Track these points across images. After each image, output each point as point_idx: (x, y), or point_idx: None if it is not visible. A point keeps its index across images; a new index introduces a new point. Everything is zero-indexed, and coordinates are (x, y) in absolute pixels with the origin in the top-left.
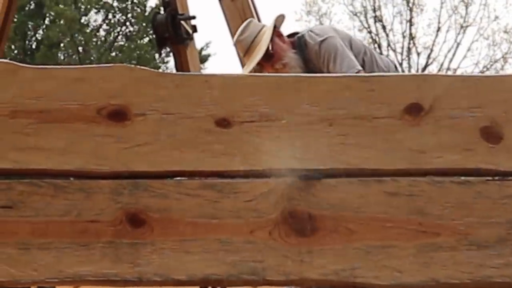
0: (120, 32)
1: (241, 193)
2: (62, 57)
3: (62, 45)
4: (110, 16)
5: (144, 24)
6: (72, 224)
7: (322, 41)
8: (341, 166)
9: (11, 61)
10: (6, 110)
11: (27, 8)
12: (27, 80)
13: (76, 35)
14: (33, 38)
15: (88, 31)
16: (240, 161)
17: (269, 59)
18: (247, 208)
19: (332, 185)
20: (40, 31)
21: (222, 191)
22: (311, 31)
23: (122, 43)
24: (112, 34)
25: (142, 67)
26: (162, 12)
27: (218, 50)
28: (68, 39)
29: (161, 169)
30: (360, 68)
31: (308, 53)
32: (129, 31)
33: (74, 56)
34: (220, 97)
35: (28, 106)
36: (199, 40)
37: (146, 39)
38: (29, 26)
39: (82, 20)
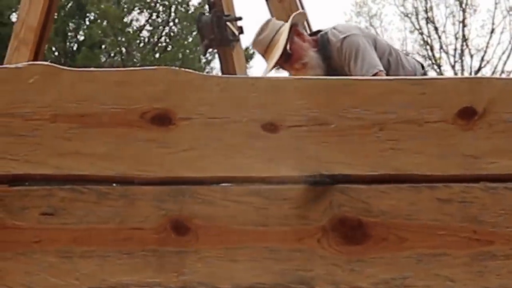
0: (164, 32)
1: (289, 200)
2: (104, 59)
3: (104, 46)
4: (154, 16)
5: (188, 24)
6: (115, 231)
7: (344, 38)
8: (391, 171)
9: (51, 64)
10: (47, 114)
11: (67, 8)
12: (68, 83)
13: (119, 36)
14: (74, 39)
15: (131, 31)
16: (288, 167)
17: (288, 59)
18: (295, 215)
19: (383, 192)
20: (81, 32)
21: (269, 197)
22: (334, 28)
23: (166, 43)
24: (156, 34)
25: (187, 70)
26: (207, 12)
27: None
28: (112, 38)
29: (206, 175)
30: (381, 68)
31: (331, 50)
32: (173, 31)
33: (116, 58)
34: (267, 101)
35: (69, 110)
36: (245, 40)
37: (190, 39)
38: (70, 26)
39: (125, 20)
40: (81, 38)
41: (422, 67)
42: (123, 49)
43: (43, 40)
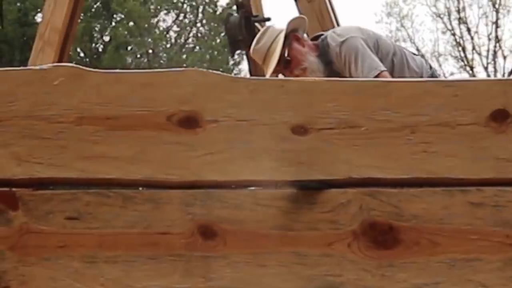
0: (191, 33)
1: (319, 204)
2: (130, 60)
3: (130, 47)
4: (181, 16)
5: (216, 25)
6: (141, 236)
7: (342, 42)
8: (423, 175)
9: (77, 65)
10: (72, 117)
11: (93, 9)
12: (94, 85)
13: (146, 37)
14: (100, 40)
15: (157, 32)
16: (317, 170)
17: (288, 65)
18: (324, 220)
19: (414, 195)
20: (107, 33)
21: (298, 201)
22: (334, 32)
23: (193, 44)
24: (183, 35)
25: (215, 72)
26: (235, 13)
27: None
28: (138, 39)
29: (234, 179)
30: (383, 68)
31: (331, 55)
32: (200, 32)
33: (143, 59)
34: (297, 103)
35: (95, 113)
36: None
37: (218, 40)
38: (96, 27)
39: (152, 21)
40: (107, 39)
41: (430, 67)
42: (150, 50)
43: (68, 41)
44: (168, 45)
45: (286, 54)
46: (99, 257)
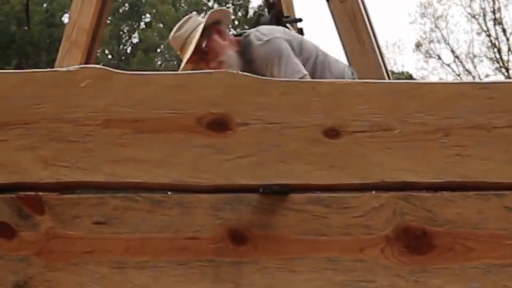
0: None
1: (351, 208)
2: (159, 63)
3: (159, 49)
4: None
5: (247, 27)
6: (170, 241)
7: (266, 41)
8: (457, 179)
9: (104, 67)
10: (99, 119)
11: (122, 10)
12: (122, 87)
13: None
14: (129, 42)
15: None
16: (349, 174)
17: (204, 56)
18: (357, 224)
19: (448, 200)
20: (136, 34)
21: (330, 206)
22: (257, 30)
23: None
24: None
25: (245, 73)
26: (266, 14)
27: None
28: (168, 41)
29: (265, 183)
30: (305, 72)
31: (252, 53)
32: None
33: (172, 62)
34: (329, 105)
35: (122, 115)
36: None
37: None
38: (125, 29)
39: None
40: (136, 41)
41: (352, 73)
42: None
43: (95, 43)
44: None
45: (204, 45)
46: (127, 262)
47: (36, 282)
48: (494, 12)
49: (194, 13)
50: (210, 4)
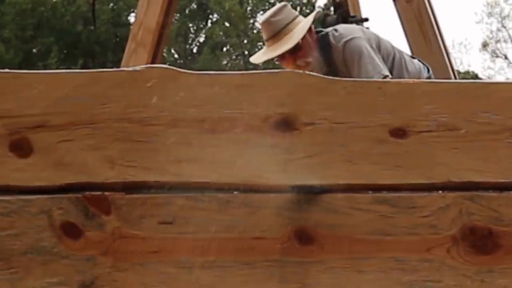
0: None
1: (417, 208)
2: (225, 61)
3: (226, 48)
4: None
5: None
6: (237, 241)
7: (346, 42)
8: None
9: (171, 67)
10: (166, 119)
11: (189, 9)
12: (188, 86)
13: (242, 38)
14: (195, 41)
15: (254, 33)
16: (416, 174)
17: (294, 52)
18: (423, 224)
19: None
20: (203, 33)
21: (396, 206)
22: (335, 30)
23: None
24: None
25: (311, 73)
26: (332, 13)
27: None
28: (234, 39)
29: (332, 183)
30: (387, 73)
31: (332, 54)
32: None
33: (238, 60)
34: (395, 105)
35: (188, 115)
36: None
37: None
38: (191, 27)
39: (248, 22)
40: (202, 39)
41: (428, 70)
42: (246, 52)
43: (161, 42)
44: None
45: (300, 42)
46: (193, 262)
47: (102, 282)
48: None
49: (286, 3)
50: (277, 1)
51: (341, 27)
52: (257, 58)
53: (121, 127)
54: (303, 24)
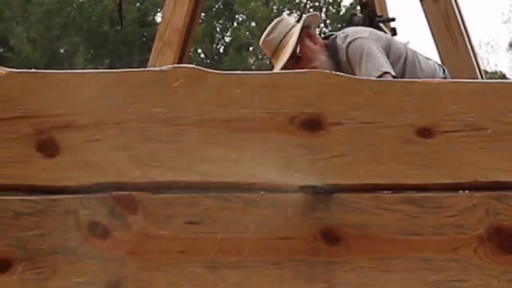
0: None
1: (444, 208)
2: (252, 61)
3: (252, 48)
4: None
5: (339, 25)
6: (263, 241)
7: (350, 42)
8: None
9: (197, 67)
10: (192, 119)
11: (214, 9)
12: (214, 86)
13: None
14: (221, 41)
15: None
16: (442, 174)
17: (298, 62)
18: (450, 224)
19: None
20: (229, 33)
21: (423, 205)
22: (343, 32)
23: None
24: None
25: (338, 73)
26: (359, 13)
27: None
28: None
29: (358, 182)
30: (387, 70)
31: (339, 55)
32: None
33: (265, 60)
34: (422, 105)
35: (216, 115)
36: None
37: None
38: (217, 28)
39: None
40: (228, 39)
41: (444, 71)
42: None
43: (188, 42)
44: None
45: (298, 51)
46: (220, 262)
47: (129, 282)
48: None
49: (285, 15)
50: (303, 1)
51: (350, 29)
52: None
53: (148, 127)
54: (294, 36)
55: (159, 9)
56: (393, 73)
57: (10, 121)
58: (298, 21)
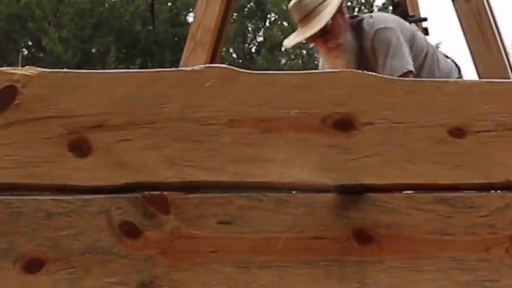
0: None
1: (476, 208)
2: (284, 61)
3: (283, 48)
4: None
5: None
6: (295, 241)
7: (377, 30)
8: None
9: (229, 66)
10: (224, 119)
11: (246, 8)
12: (247, 86)
13: None
14: (254, 41)
15: None
16: (475, 174)
17: (324, 34)
18: (482, 224)
19: None
20: (261, 33)
21: (455, 205)
22: (371, 17)
23: None
24: None
25: (370, 73)
26: (391, 13)
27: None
28: None
29: (390, 182)
30: (411, 68)
31: (363, 39)
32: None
33: (297, 60)
34: (454, 105)
35: (247, 115)
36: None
37: None
38: (249, 27)
39: None
40: (260, 39)
41: (459, 71)
42: (304, 52)
43: (220, 42)
44: None
45: (329, 23)
46: (252, 262)
47: (161, 282)
48: None
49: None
50: None
51: (377, 14)
52: (289, 41)
53: (180, 126)
54: (332, 6)
55: (191, 9)
56: (414, 72)
57: (42, 121)
58: None
